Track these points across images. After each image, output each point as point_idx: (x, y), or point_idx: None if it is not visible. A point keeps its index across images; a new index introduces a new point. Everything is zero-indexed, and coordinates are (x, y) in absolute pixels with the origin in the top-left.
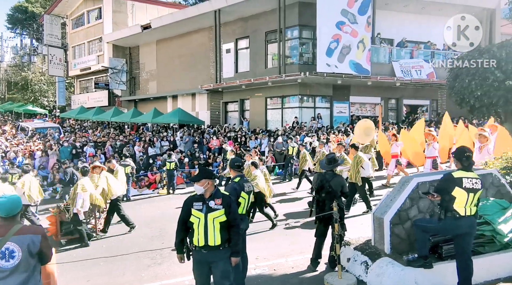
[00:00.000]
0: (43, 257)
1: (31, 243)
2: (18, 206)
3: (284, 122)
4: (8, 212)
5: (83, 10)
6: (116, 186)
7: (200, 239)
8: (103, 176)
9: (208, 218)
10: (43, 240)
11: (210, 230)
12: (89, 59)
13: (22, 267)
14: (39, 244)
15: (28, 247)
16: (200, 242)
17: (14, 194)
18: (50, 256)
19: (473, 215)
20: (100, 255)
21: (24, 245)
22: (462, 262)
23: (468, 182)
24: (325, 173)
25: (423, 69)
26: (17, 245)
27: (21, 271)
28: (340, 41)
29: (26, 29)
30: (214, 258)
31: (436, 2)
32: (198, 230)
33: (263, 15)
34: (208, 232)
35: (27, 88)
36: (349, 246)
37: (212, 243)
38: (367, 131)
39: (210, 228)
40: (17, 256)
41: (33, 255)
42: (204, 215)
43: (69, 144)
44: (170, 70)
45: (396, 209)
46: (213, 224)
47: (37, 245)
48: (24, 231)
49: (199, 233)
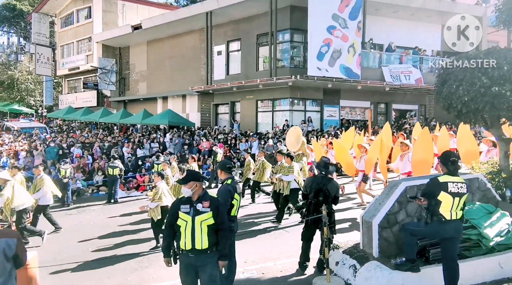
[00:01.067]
0: (18, 261)
1: (6, 247)
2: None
3: (275, 125)
4: None
5: (73, 9)
6: (21, 197)
7: (187, 242)
8: (9, 185)
9: (195, 221)
10: (18, 243)
11: (198, 234)
12: (78, 58)
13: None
14: (14, 247)
15: (4, 251)
16: (187, 245)
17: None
18: (25, 260)
19: (459, 219)
20: (85, 258)
21: (0, 249)
22: (448, 265)
23: (453, 187)
24: (321, 177)
25: (411, 74)
26: None
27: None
28: (331, 45)
29: (14, 27)
30: (202, 262)
31: (425, 9)
32: (185, 234)
33: (255, 17)
34: (195, 236)
35: (13, 87)
36: (337, 250)
37: (199, 247)
38: (299, 139)
39: (197, 231)
40: None
41: (9, 259)
42: (191, 218)
43: (55, 144)
44: (161, 71)
45: (384, 212)
46: (201, 227)
47: (13, 249)
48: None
49: (186, 236)
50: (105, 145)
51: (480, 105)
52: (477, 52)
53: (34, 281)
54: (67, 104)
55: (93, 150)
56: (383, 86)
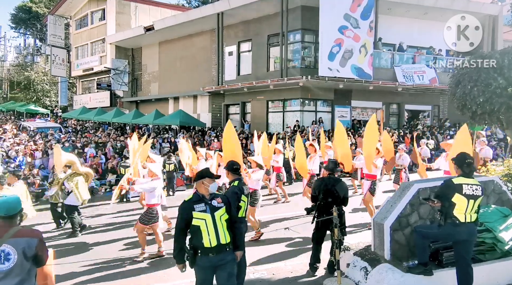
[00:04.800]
0: (39, 260)
1: (26, 246)
2: (15, 207)
3: (285, 125)
4: (9, 212)
5: (87, 11)
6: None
7: (212, 239)
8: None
9: (215, 216)
10: (39, 244)
11: (220, 228)
12: (92, 59)
13: (17, 270)
14: (35, 247)
15: (23, 250)
16: (212, 242)
17: (14, 195)
18: (45, 260)
19: (473, 222)
20: (93, 258)
21: (20, 248)
22: (462, 269)
23: (468, 189)
24: (329, 177)
25: (425, 74)
26: (13, 248)
27: (16, 274)
28: (342, 46)
29: (30, 29)
30: (222, 260)
31: (438, 7)
32: (208, 231)
33: (266, 18)
34: (218, 230)
35: (29, 88)
36: (348, 251)
37: (224, 241)
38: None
39: (219, 226)
40: (13, 258)
41: (28, 258)
42: (210, 215)
43: (70, 144)
44: (172, 71)
45: (396, 215)
46: (221, 222)
47: (32, 249)
48: (21, 234)
49: (209, 233)
50: (118, 145)
51: (496, 106)
52: (493, 52)
53: (49, 278)
54: (81, 105)
55: (106, 149)
56: (395, 86)
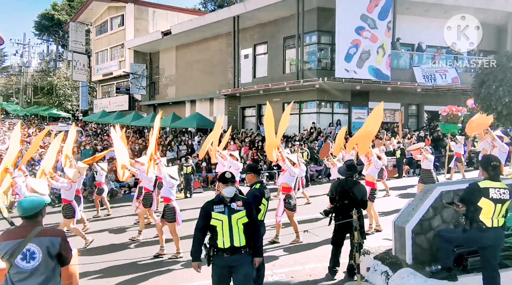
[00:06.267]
0: (63, 259)
1: (50, 245)
2: (36, 206)
3: (302, 127)
4: (27, 212)
5: (107, 18)
6: None
7: (226, 240)
8: None
9: (232, 219)
10: (62, 243)
11: (235, 231)
12: (111, 64)
13: (42, 269)
14: (58, 246)
15: (47, 249)
16: (225, 243)
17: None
18: (69, 259)
19: (500, 226)
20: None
21: (44, 246)
22: (488, 275)
23: (495, 193)
24: (346, 180)
25: (447, 73)
26: (38, 247)
27: (41, 273)
28: (360, 46)
29: (52, 36)
30: (237, 262)
31: (459, 6)
32: (223, 232)
33: (282, 20)
34: (233, 233)
35: (52, 93)
36: (368, 255)
37: (237, 244)
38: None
39: (235, 229)
40: (38, 257)
41: (53, 257)
42: (227, 217)
43: (90, 147)
44: (189, 75)
45: (418, 218)
46: (237, 225)
47: (56, 247)
48: (44, 233)
49: (224, 234)
50: (136, 148)
51: None
52: None
53: (74, 278)
54: (101, 108)
55: None
56: (414, 87)
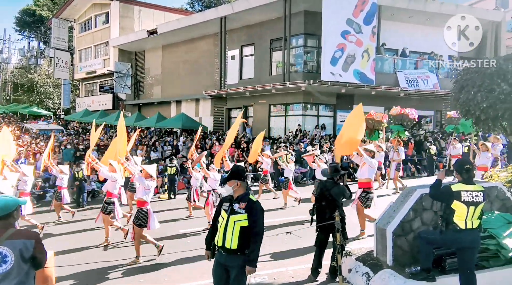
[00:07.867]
0: (37, 262)
1: (23, 247)
2: (8, 207)
3: (287, 129)
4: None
5: (91, 15)
6: None
7: (219, 239)
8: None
9: (229, 220)
10: (36, 245)
11: (229, 232)
12: (95, 62)
13: (15, 272)
14: (32, 249)
15: (20, 252)
16: (218, 242)
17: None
18: (44, 261)
19: (475, 228)
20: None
21: (16, 249)
22: (465, 276)
23: (467, 196)
24: (326, 181)
25: (429, 79)
26: (10, 250)
27: (14, 277)
28: (345, 50)
29: (34, 32)
30: (230, 262)
31: (442, 14)
32: (219, 230)
33: (269, 23)
34: (226, 234)
35: (32, 90)
36: (350, 257)
37: (228, 246)
38: None
39: (229, 230)
40: (10, 261)
41: (26, 260)
42: (227, 217)
43: (72, 146)
44: (175, 75)
45: (399, 220)
46: (233, 227)
47: (30, 250)
48: (17, 236)
49: (219, 233)
50: None
51: (500, 112)
52: (497, 58)
53: (50, 280)
54: (84, 107)
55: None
56: (397, 92)
